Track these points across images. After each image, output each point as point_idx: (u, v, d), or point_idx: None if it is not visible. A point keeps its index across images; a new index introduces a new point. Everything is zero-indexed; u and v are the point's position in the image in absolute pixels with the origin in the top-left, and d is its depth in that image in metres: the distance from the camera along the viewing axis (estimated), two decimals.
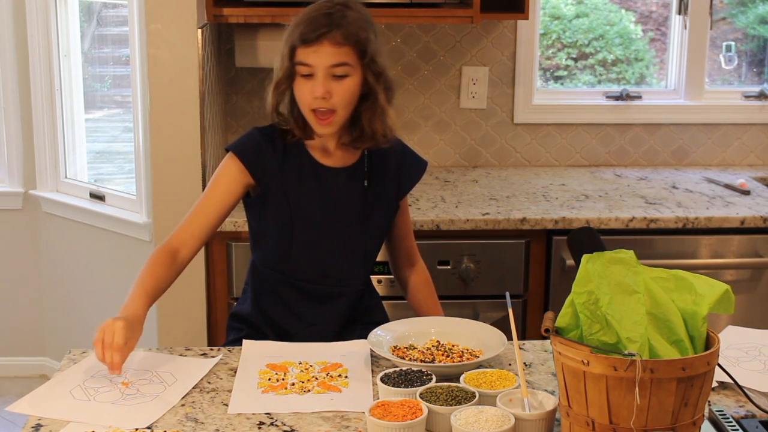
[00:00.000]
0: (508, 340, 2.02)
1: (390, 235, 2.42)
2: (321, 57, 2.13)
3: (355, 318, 2.33)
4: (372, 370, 2.00)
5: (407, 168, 2.36)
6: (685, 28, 3.77)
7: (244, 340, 2.16)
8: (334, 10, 2.16)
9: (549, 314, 1.66)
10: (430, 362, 1.99)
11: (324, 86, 2.13)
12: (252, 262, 2.37)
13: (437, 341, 2.10)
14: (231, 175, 2.24)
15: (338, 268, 2.30)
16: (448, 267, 3.09)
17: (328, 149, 2.28)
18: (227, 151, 2.27)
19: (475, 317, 3.04)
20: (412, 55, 3.66)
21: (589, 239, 1.94)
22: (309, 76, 2.15)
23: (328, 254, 2.28)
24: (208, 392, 1.92)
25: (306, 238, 2.26)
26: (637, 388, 1.50)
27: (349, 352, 2.09)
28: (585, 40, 3.93)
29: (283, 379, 1.96)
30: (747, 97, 3.83)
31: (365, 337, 2.08)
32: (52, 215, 3.99)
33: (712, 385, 1.80)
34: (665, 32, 3.91)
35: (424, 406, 1.73)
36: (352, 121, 2.24)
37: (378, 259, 2.41)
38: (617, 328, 1.57)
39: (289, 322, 2.30)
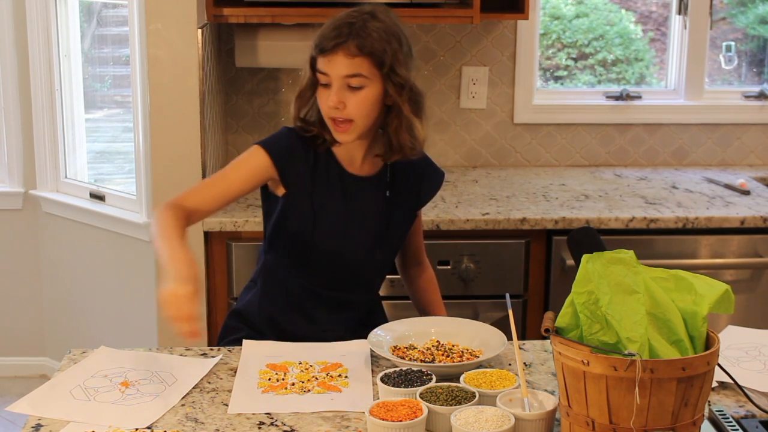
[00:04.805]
0: (508, 340, 2.02)
1: None
2: (335, 67, 2.11)
3: (365, 322, 2.32)
4: (372, 370, 2.00)
5: (427, 179, 2.35)
6: (685, 28, 3.76)
7: (244, 340, 2.16)
8: (357, 19, 2.13)
9: (549, 314, 1.66)
10: (430, 362, 1.99)
11: (337, 96, 2.12)
12: (264, 261, 2.33)
13: (437, 341, 2.10)
14: (257, 164, 2.19)
15: (355, 275, 2.30)
16: (448, 267, 3.09)
17: (355, 159, 2.26)
18: (257, 145, 2.21)
19: (475, 317, 3.03)
20: None
21: (589, 239, 1.94)
22: (327, 85, 2.13)
23: (346, 262, 2.27)
24: (208, 392, 1.92)
25: (326, 246, 2.24)
26: (637, 388, 1.50)
27: (349, 352, 2.09)
28: (585, 40, 3.92)
29: (283, 379, 1.96)
30: (747, 97, 3.83)
31: (365, 338, 2.08)
32: (52, 215, 3.99)
33: (712, 385, 1.79)
34: (665, 32, 3.91)
35: (424, 406, 1.73)
36: (382, 133, 2.22)
37: None
38: (617, 328, 1.57)
39: (299, 325, 2.28)
